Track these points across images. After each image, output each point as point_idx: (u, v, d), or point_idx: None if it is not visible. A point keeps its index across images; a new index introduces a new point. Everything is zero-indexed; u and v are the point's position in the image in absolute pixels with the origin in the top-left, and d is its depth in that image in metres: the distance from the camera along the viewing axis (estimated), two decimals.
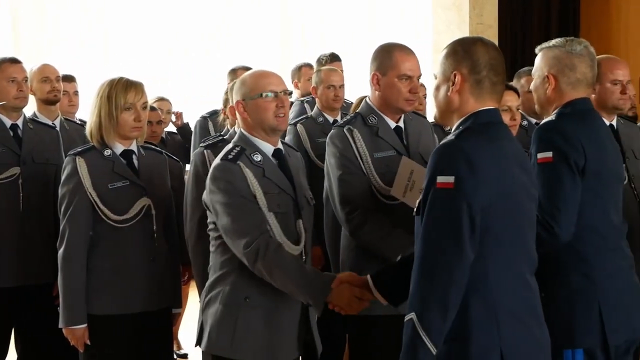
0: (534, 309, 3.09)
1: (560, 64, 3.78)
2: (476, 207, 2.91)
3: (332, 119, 6.19)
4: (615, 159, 3.80)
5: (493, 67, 3.11)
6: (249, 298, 3.73)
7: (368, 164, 4.11)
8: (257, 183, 3.68)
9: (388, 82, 4.14)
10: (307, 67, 7.62)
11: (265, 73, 3.88)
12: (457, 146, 2.98)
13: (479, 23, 10.33)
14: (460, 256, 2.90)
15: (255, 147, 3.80)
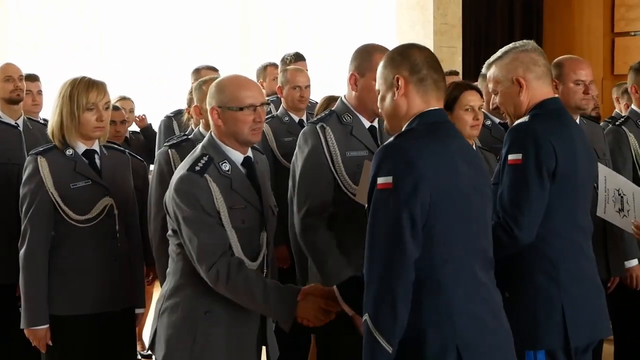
0: (490, 305, 3.09)
1: (523, 63, 3.75)
2: (416, 206, 2.93)
3: (298, 119, 6.19)
4: (587, 159, 3.78)
5: (431, 66, 3.16)
6: (209, 312, 3.66)
7: (338, 163, 4.10)
8: (222, 199, 3.60)
9: (365, 84, 4.12)
10: (273, 67, 7.60)
11: (245, 84, 3.75)
12: (395, 147, 3.02)
13: (443, 23, 10.36)
14: (403, 255, 2.92)
15: (225, 155, 3.71)
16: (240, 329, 3.73)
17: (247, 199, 3.70)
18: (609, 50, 11.29)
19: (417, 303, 2.96)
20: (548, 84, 3.77)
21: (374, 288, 2.95)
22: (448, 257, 3.01)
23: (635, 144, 5.44)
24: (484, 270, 3.11)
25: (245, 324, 3.74)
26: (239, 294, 3.56)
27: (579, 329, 3.59)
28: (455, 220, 3.01)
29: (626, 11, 11.28)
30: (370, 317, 2.95)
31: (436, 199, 2.96)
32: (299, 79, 6.27)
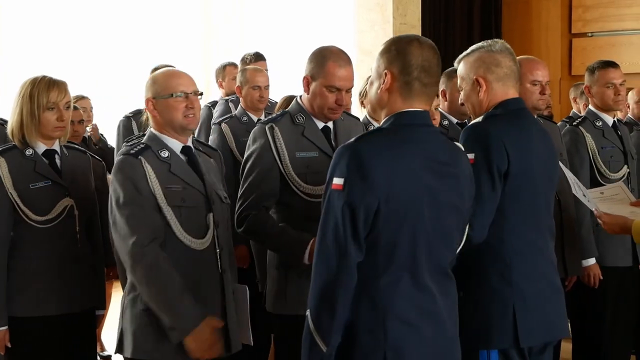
0: (431, 314, 3.06)
1: (485, 64, 3.77)
2: (362, 210, 2.93)
3: (257, 119, 6.17)
4: (547, 160, 3.77)
5: (425, 69, 3.10)
6: None
7: (286, 163, 4.10)
8: (157, 178, 3.70)
9: (316, 89, 4.12)
10: (232, 67, 7.60)
11: (176, 73, 3.91)
12: (352, 149, 2.99)
13: (403, 23, 10.38)
14: (345, 259, 2.94)
15: (163, 144, 3.83)
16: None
17: (186, 181, 3.78)
18: (567, 51, 11.39)
19: (356, 306, 2.98)
20: (511, 85, 3.77)
21: (317, 286, 2.98)
22: (390, 264, 2.99)
23: (592, 144, 5.49)
24: (435, 279, 3.08)
25: (207, 308, 3.75)
26: (154, 283, 3.61)
27: (531, 330, 3.60)
28: (404, 230, 2.98)
29: (583, 12, 11.38)
30: (311, 315, 2.99)
31: (385, 207, 2.94)
32: (259, 79, 6.26)
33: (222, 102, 7.25)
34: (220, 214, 3.89)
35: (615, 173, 5.56)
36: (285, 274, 4.11)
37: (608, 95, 5.61)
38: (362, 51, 10.37)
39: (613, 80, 5.59)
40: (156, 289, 3.64)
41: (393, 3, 10.34)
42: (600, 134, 5.61)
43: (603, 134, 5.63)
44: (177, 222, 3.71)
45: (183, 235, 3.72)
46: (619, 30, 11.15)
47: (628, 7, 11.06)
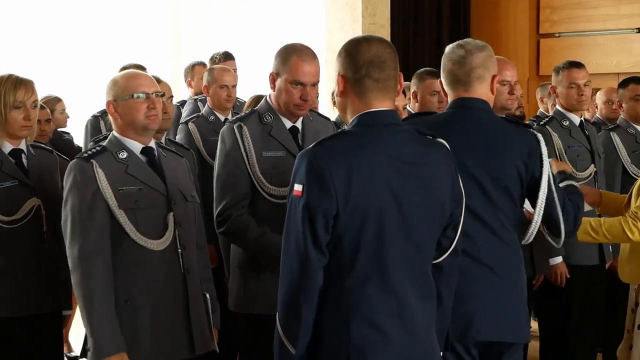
0: (399, 314, 3.02)
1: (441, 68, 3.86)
2: (320, 216, 2.92)
3: (224, 118, 6.17)
4: None
5: (374, 64, 3.05)
6: (129, 301, 3.71)
7: (253, 163, 4.10)
8: (108, 182, 3.69)
9: (281, 86, 4.12)
10: (201, 66, 7.57)
11: (136, 74, 3.90)
12: (310, 154, 2.97)
13: (372, 23, 10.39)
14: (307, 264, 2.94)
15: (122, 146, 3.81)
16: (166, 317, 3.76)
17: (144, 182, 3.77)
18: (535, 51, 11.44)
19: (322, 307, 2.99)
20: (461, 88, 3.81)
21: (283, 292, 3.00)
22: (354, 266, 2.97)
23: (559, 143, 5.53)
24: (412, 282, 3.05)
25: (168, 312, 3.76)
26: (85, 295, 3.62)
27: None
28: (367, 233, 2.96)
29: (551, 13, 11.44)
30: (279, 319, 3.02)
31: (344, 211, 2.93)
32: (226, 78, 6.25)
33: (190, 101, 7.23)
34: (184, 213, 3.87)
35: (582, 172, 5.60)
36: (244, 273, 4.11)
37: (572, 95, 5.65)
38: (331, 51, 10.36)
39: (577, 80, 5.64)
40: (86, 302, 3.64)
41: (362, 3, 10.35)
42: (567, 134, 5.65)
43: (570, 133, 5.67)
44: (130, 224, 3.69)
45: (138, 236, 3.70)
46: (586, 31, 11.22)
47: (595, 8, 11.13)
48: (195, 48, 10.29)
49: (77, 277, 3.65)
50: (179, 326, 3.80)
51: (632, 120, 6.08)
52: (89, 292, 3.62)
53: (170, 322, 3.78)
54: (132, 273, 3.72)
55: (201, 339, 3.87)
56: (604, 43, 11.09)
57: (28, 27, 9.69)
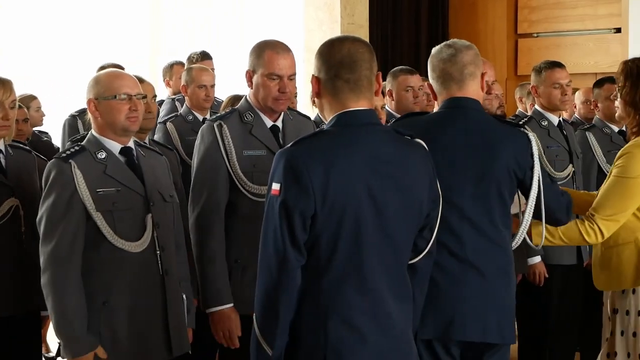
0: (376, 314, 3.03)
1: (429, 69, 3.86)
2: (298, 215, 2.92)
3: (202, 118, 6.16)
4: None
5: (344, 65, 3.04)
6: (107, 302, 3.70)
7: (233, 162, 4.09)
8: (86, 184, 3.67)
9: (258, 81, 4.12)
10: (179, 65, 7.57)
11: (120, 75, 3.88)
12: (288, 153, 2.98)
13: (350, 23, 10.40)
14: (285, 263, 2.94)
15: (101, 146, 3.80)
16: (144, 318, 3.75)
17: (122, 183, 3.76)
18: (513, 51, 11.48)
19: (300, 306, 3.00)
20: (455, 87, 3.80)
21: (261, 291, 3.00)
22: (331, 266, 2.98)
23: (538, 143, 5.55)
24: (389, 283, 3.06)
25: (146, 313, 3.76)
26: (55, 295, 3.63)
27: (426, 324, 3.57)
28: (345, 232, 2.96)
29: (529, 13, 11.48)
30: (256, 319, 3.02)
31: (322, 211, 2.93)
32: (204, 78, 6.25)
33: (168, 101, 7.22)
34: (162, 214, 3.86)
35: (561, 172, 5.63)
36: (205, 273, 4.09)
37: (555, 95, 5.67)
38: (309, 50, 10.35)
39: (560, 80, 5.66)
40: (55, 303, 3.64)
41: (341, 3, 10.36)
42: (546, 134, 5.67)
43: (549, 133, 5.69)
44: (107, 226, 3.68)
45: (115, 239, 3.69)
46: (564, 31, 11.27)
47: (572, 8, 11.18)
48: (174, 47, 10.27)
49: (47, 277, 3.65)
50: (156, 328, 3.79)
51: (607, 120, 6.11)
52: (59, 293, 3.61)
53: (148, 324, 3.77)
54: (110, 274, 3.71)
55: (179, 341, 3.87)
56: (582, 43, 11.13)
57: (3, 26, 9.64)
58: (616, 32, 10.94)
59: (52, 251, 3.64)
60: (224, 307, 4.07)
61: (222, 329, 4.08)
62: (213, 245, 4.08)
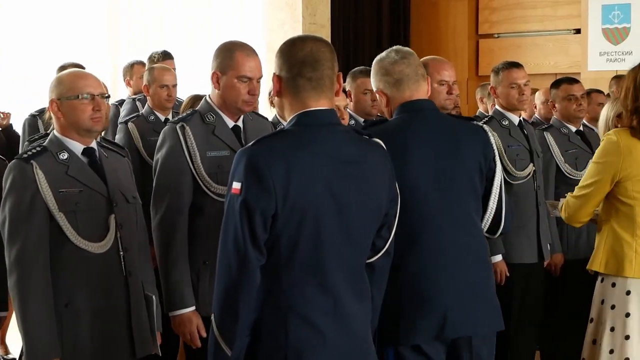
0: (337, 314, 3.02)
1: (378, 75, 3.94)
2: (258, 214, 2.91)
3: (164, 118, 6.13)
4: (442, 153, 3.81)
5: (307, 63, 3.04)
6: (69, 304, 3.68)
7: (197, 163, 4.07)
8: (48, 184, 3.64)
9: (227, 82, 4.09)
10: (139, 65, 7.52)
11: (83, 75, 3.86)
12: (249, 152, 2.97)
13: (312, 23, 10.41)
14: (244, 263, 2.93)
15: (63, 146, 3.76)
16: (107, 320, 3.72)
17: (85, 183, 3.73)
18: (474, 52, 11.55)
19: (261, 306, 2.99)
20: (409, 89, 3.89)
21: (219, 291, 2.99)
22: (291, 266, 2.97)
23: (498, 142, 5.57)
24: (348, 282, 3.06)
25: (110, 315, 3.73)
26: (21, 298, 3.59)
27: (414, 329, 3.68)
28: (305, 232, 2.96)
29: (490, 14, 11.55)
30: (215, 319, 3.00)
31: (282, 210, 2.92)
32: (166, 78, 6.21)
33: (129, 100, 7.18)
34: (126, 215, 3.84)
35: (522, 171, 5.66)
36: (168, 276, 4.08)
37: (512, 95, 5.70)
38: (271, 50, 10.32)
39: (517, 80, 5.69)
40: (21, 305, 3.61)
41: (302, 3, 10.37)
42: (507, 133, 5.70)
43: (509, 132, 5.72)
44: (70, 227, 3.65)
45: (78, 240, 3.66)
46: (525, 31, 11.36)
47: (533, 9, 11.27)
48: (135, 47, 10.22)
49: (14, 280, 3.61)
50: (119, 329, 3.77)
51: (565, 120, 6.16)
52: (25, 295, 3.58)
53: (111, 326, 3.74)
54: (73, 276, 3.68)
55: (142, 343, 3.85)
56: (542, 44, 11.22)
57: None
58: (576, 33, 11.03)
59: (17, 253, 3.60)
60: (186, 311, 4.06)
61: (184, 332, 4.06)
62: (176, 248, 4.06)
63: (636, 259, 4.16)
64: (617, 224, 4.23)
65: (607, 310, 4.21)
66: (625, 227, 4.21)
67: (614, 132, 4.25)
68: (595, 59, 10.74)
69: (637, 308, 4.14)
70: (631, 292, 4.15)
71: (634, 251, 4.17)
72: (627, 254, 4.17)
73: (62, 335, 3.64)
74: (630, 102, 4.18)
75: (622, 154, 4.15)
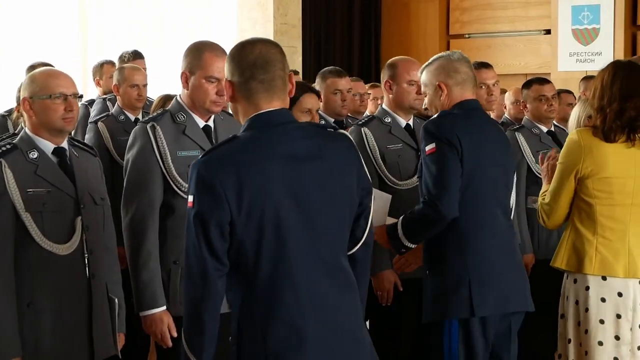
0: (318, 309, 3.01)
1: (445, 70, 4.23)
2: (214, 225, 2.92)
3: (134, 118, 6.12)
4: (495, 151, 4.26)
5: (258, 66, 3.04)
6: (31, 304, 3.66)
7: (168, 163, 4.07)
8: (16, 183, 3.63)
9: (196, 83, 4.08)
10: (109, 65, 7.49)
11: (56, 73, 3.83)
12: (200, 164, 2.97)
13: (283, 23, 10.42)
14: (204, 273, 2.95)
15: (34, 145, 3.74)
16: (68, 321, 3.71)
17: (53, 184, 3.71)
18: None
19: (238, 314, 3.01)
20: (469, 90, 4.27)
21: (185, 304, 3.02)
22: (261, 268, 2.97)
23: None
24: (328, 275, 3.05)
25: (71, 316, 3.72)
26: None
27: (485, 301, 4.08)
28: (268, 234, 2.95)
29: (460, 14, 11.59)
30: (184, 333, 3.04)
31: (239, 217, 2.93)
32: (137, 77, 6.19)
33: (99, 100, 7.15)
34: (93, 216, 3.82)
35: None
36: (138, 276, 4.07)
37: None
38: None
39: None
40: None
41: (274, 3, 10.38)
42: None
43: None
44: (36, 228, 3.64)
45: (43, 241, 3.64)
46: (495, 32, 11.41)
47: (503, 9, 11.31)
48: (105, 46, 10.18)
49: None
50: (80, 331, 3.76)
51: (536, 121, 6.17)
52: None
53: (72, 327, 3.73)
54: (36, 276, 3.66)
55: (103, 345, 3.84)
56: (512, 44, 11.28)
57: None
58: (546, 34, 11.09)
59: None
60: (157, 310, 4.05)
61: (155, 332, 4.05)
62: (147, 248, 4.05)
63: (596, 257, 4.21)
64: (580, 221, 4.27)
65: (572, 305, 4.28)
66: (586, 225, 4.25)
67: (576, 132, 4.32)
68: (565, 60, 10.80)
69: (595, 304, 4.20)
70: (590, 288, 4.21)
71: (595, 249, 4.22)
72: (587, 251, 4.22)
73: (24, 335, 3.63)
74: (597, 101, 4.22)
75: (583, 152, 4.20)
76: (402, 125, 4.98)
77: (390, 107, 4.99)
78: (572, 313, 4.27)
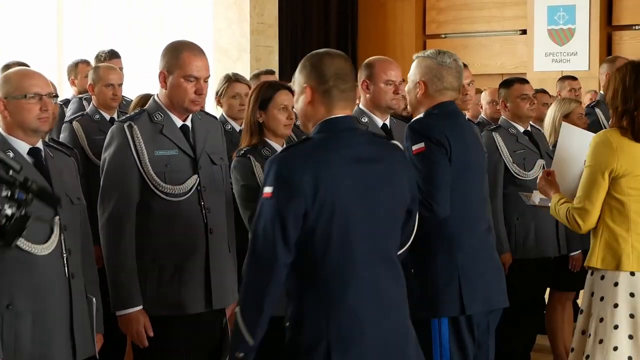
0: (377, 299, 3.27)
1: (431, 73, 4.27)
2: (290, 215, 3.19)
3: (109, 117, 6.11)
4: (477, 151, 4.40)
5: (339, 76, 3.34)
6: (11, 305, 3.63)
7: (145, 162, 4.06)
8: None
9: (174, 82, 4.08)
10: (84, 64, 7.46)
11: (31, 74, 3.80)
12: (279, 159, 3.28)
13: (260, 22, 10.42)
14: (273, 259, 3.21)
15: (9, 146, 3.71)
16: (48, 322, 3.69)
17: None
18: None
19: (300, 296, 3.27)
20: (447, 97, 4.29)
21: (247, 284, 3.24)
22: (326, 259, 3.23)
23: None
24: (383, 267, 3.33)
25: (51, 317, 3.69)
26: None
27: (474, 299, 4.16)
28: (335, 227, 3.23)
29: (437, 14, 11.63)
30: (240, 310, 3.25)
31: (313, 209, 3.20)
32: (112, 77, 6.18)
33: (75, 100, 7.12)
34: (70, 216, 3.80)
35: None
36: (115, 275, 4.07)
37: None
38: (219, 49, 10.34)
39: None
40: None
41: (250, 2, 10.38)
42: None
43: None
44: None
45: (21, 241, 3.57)
46: (471, 32, 11.45)
47: (479, 9, 11.36)
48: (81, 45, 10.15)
49: None
50: (61, 332, 3.73)
51: (514, 120, 6.17)
52: None
53: (52, 328, 3.71)
54: (15, 277, 3.63)
55: (84, 345, 3.82)
56: (488, 44, 11.32)
57: None
58: (522, 34, 11.14)
59: None
60: (133, 310, 4.05)
61: (132, 331, 4.05)
62: (123, 247, 4.05)
63: (633, 254, 4.27)
64: (612, 220, 4.32)
65: (596, 302, 4.33)
66: (619, 223, 4.31)
67: (603, 134, 4.37)
68: (541, 60, 10.86)
69: (624, 299, 4.26)
70: (619, 284, 4.27)
71: (630, 246, 4.28)
72: (624, 249, 4.29)
73: (3, 336, 3.60)
74: (621, 103, 4.30)
75: (616, 152, 4.26)
76: (379, 124, 4.98)
77: (367, 107, 4.99)
78: (597, 309, 4.31)
